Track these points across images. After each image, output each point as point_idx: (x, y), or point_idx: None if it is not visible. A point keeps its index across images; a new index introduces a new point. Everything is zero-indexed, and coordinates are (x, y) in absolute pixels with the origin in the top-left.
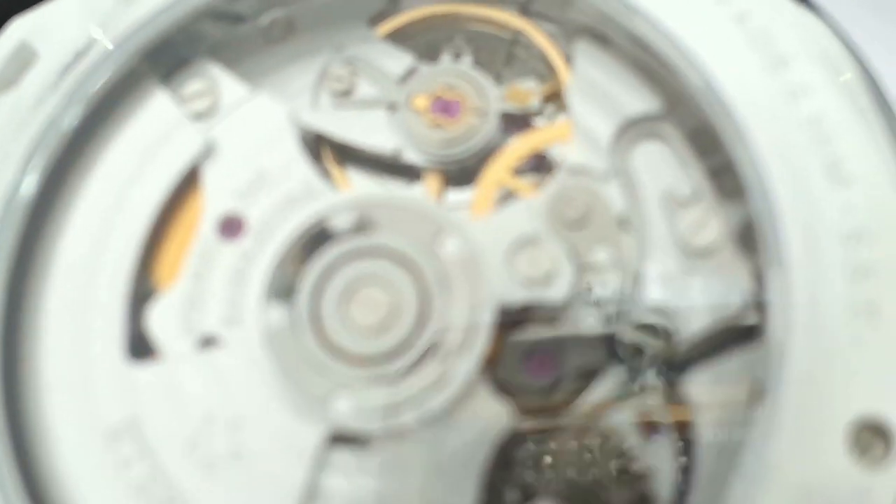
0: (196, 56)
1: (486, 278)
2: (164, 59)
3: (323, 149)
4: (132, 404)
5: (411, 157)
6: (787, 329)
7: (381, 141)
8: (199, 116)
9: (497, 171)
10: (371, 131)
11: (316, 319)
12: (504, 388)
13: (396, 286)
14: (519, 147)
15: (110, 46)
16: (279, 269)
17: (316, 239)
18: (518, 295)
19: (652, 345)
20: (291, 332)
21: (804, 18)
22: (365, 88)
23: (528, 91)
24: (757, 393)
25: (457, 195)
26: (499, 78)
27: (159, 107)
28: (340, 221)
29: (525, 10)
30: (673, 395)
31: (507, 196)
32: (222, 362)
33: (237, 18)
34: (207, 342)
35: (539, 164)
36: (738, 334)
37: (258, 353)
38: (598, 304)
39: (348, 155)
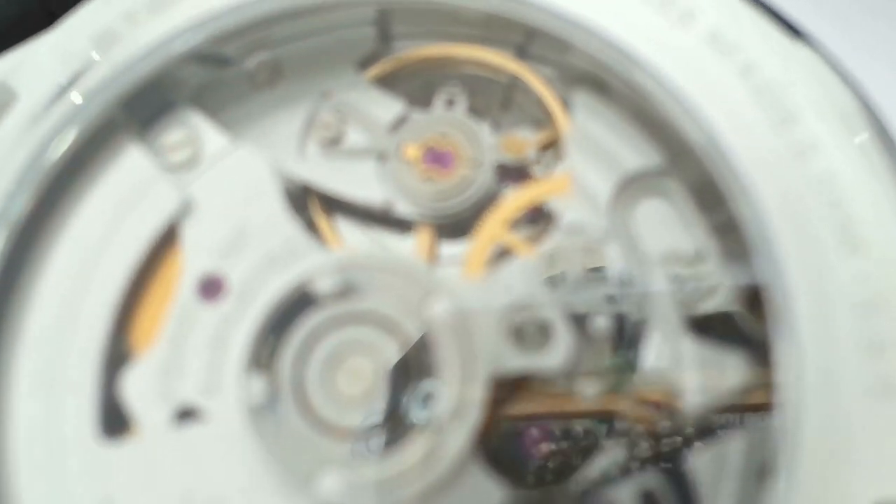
0: (177, 103)
1: (478, 344)
2: (142, 107)
3: (310, 199)
4: (105, 484)
5: (402, 210)
6: (798, 406)
7: (371, 193)
8: (179, 168)
9: (492, 227)
10: (360, 183)
11: (299, 390)
12: (498, 463)
13: (383, 353)
14: (515, 201)
15: (78, 100)
16: (260, 336)
17: (299, 302)
18: (512, 362)
19: (652, 420)
20: (274, 405)
21: (813, 66)
22: (354, 137)
23: (525, 140)
24: (764, 475)
25: (451, 248)
26: (495, 124)
27: (135, 160)
28: (324, 285)
29: (522, 53)
30: (674, 472)
31: (503, 252)
32: (201, 436)
33: (222, 61)
34: (185, 413)
35: (536, 216)
36: (744, 411)
37: (239, 426)
38: (597, 372)
39: (337, 205)
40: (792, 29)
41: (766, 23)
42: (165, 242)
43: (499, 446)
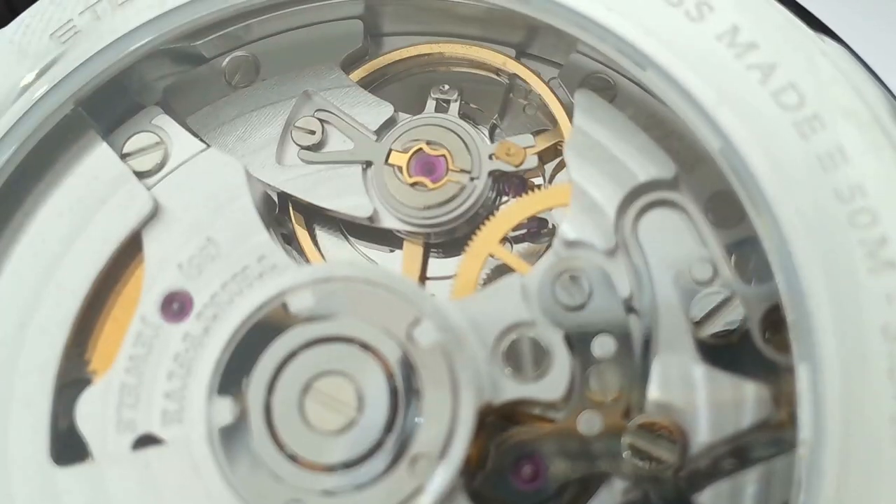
0: (145, 104)
1: (467, 372)
2: (105, 106)
3: (289, 209)
4: None
5: (388, 222)
6: (820, 438)
7: (355, 203)
8: (145, 173)
9: (485, 241)
10: (343, 192)
11: (269, 418)
12: (487, 500)
13: (362, 380)
14: (511, 213)
15: (37, 98)
16: (227, 358)
17: (271, 322)
18: (506, 391)
19: (660, 456)
20: (241, 434)
21: (841, 64)
22: (337, 142)
23: (524, 147)
24: None
25: (441, 263)
26: (493, 130)
27: (97, 164)
28: (299, 303)
29: (523, 52)
30: None
31: (498, 269)
32: (160, 467)
33: (194, 59)
34: (143, 441)
35: (536, 231)
36: (762, 443)
37: (202, 457)
38: (601, 405)
39: (318, 216)
40: (817, 23)
41: (789, 16)
42: (129, 253)
43: (488, 483)
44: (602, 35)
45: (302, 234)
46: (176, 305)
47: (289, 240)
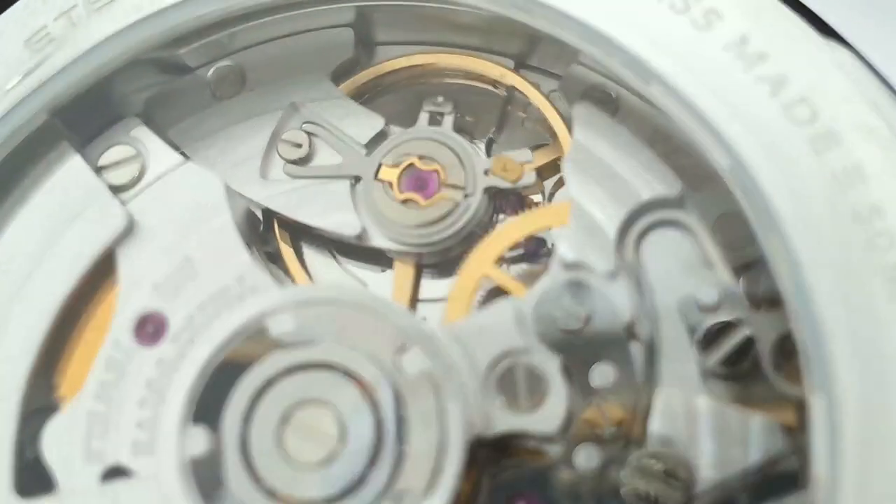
0: (123, 115)
1: (458, 403)
2: (81, 117)
3: (273, 224)
4: None
5: (378, 241)
6: (836, 475)
7: (343, 221)
8: (121, 188)
9: (479, 262)
10: (331, 209)
11: (245, 450)
12: None
13: (345, 410)
14: (507, 232)
15: (10, 102)
16: (203, 384)
17: (250, 346)
18: (498, 423)
19: (663, 493)
20: (215, 467)
21: (855, 74)
22: (325, 156)
23: (521, 162)
24: None
25: (435, 286)
26: (489, 145)
27: (71, 177)
28: (280, 326)
29: (522, 64)
30: None
31: (494, 292)
32: (128, 500)
33: (177, 69)
34: (112, 473)
35: (534, 251)
36: (773, 483)
37: (172, 489)
38: (599, 438)
39: (305, 233)
40: (828, 29)
41: (802, 24)
42: (102, 272)
43: None
44: (603, 45)
45: (287, 253)
46: (150, 328)
47: (274, 259)
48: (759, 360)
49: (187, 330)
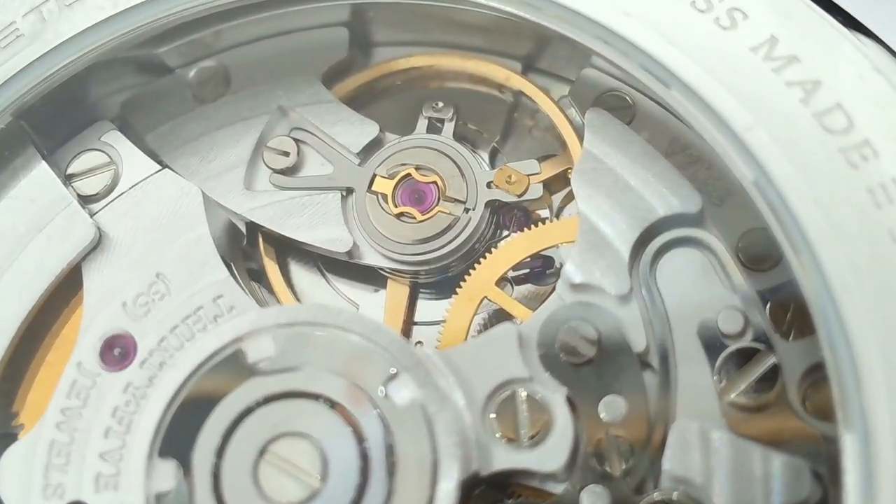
0: (97, 119)
1: (452, 437)
2: (51, 120)
3: (257, 238)
4: None
5: (371, 258)
6: None
7: (333, 236)
8: (92, 198)
9: (480, 282)
10: (320, 223)
11: (217, 486)
12: None
13: (328, 444)
14: (511, 250)
15: None
16: (173, 413)
17: (225, 373)
18: (497, 460)
19: None
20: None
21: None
22: (314, 165)
23: (528, 174)
24: None
25: (433, 307)
26: (494, 155)
27: (35, 184)
28: (258, 351)
29: (530, 66)
30: None
31: (497, 315)
32: None
33: (159, 69)
34: None
35: (540, 270)
36: None
37: None
38: (606, 475)
39: (292, 248)
40: (867, 32)
41: (836, 25)
42: (67, 288)
43: None
44: (618, 45)
45: (272, 270)
46: (117, 351)
47: (257, 276)
48: (786, 391)
49: (158, 353)
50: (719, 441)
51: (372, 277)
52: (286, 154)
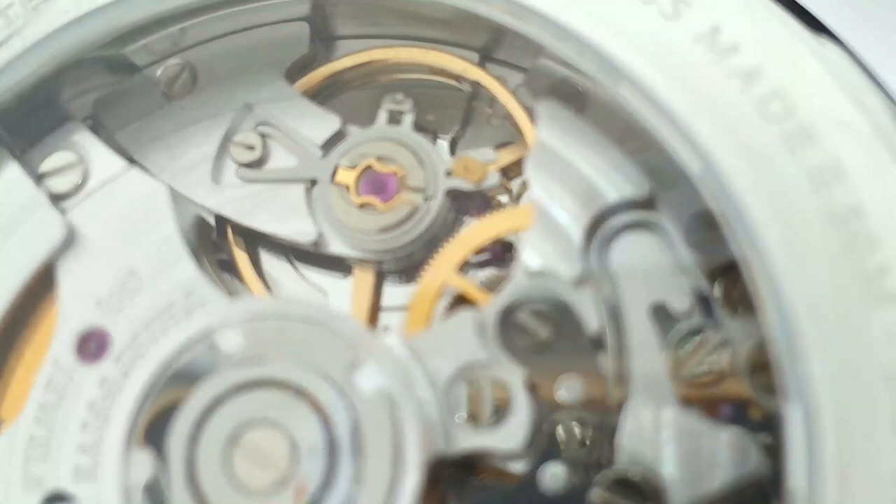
0: (66, 118)
1: (415, 420)
2: (22, 121)
3: (226, 231)
4: None
5: (336, 247)
6: (814, 492)
7: (298, 227)
8: (63, 196)
9: (441, 269)
10: (286, 214)
11: (191, 474)
12: None
13: (296, 432)
14: (470, 237)
15: None
16: (147, 405)
17: (197, 365)
18: (460, 441)
19: None
20: (159, 491)
21: (839, 69)
22: (279, 158)
23: (484, 162)
24: None
25: (398, 294)
26: (454, 144)
27: (5, 185)
28: (228, 343)
29: (487, 57)
30: None
31: (459, 300)
32: None
33: (127, 68)
34: (52, 500)
35: (500, 255)
36: (749, 498)
37: None
38: (564, 453)
39: (262, 240)
40: (814, 22)
41: (778, 13)
42: (41, 287)
43: None
44: (562, 35)
45: (242, 261)
46: (93, 346)
47: (228, 267)
48: (735, 366)
49: (132, 348)
50: (670, 418)
51: (340, 265)
52: (252, 148)
